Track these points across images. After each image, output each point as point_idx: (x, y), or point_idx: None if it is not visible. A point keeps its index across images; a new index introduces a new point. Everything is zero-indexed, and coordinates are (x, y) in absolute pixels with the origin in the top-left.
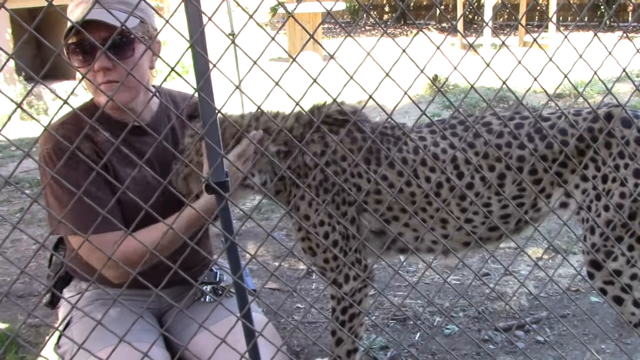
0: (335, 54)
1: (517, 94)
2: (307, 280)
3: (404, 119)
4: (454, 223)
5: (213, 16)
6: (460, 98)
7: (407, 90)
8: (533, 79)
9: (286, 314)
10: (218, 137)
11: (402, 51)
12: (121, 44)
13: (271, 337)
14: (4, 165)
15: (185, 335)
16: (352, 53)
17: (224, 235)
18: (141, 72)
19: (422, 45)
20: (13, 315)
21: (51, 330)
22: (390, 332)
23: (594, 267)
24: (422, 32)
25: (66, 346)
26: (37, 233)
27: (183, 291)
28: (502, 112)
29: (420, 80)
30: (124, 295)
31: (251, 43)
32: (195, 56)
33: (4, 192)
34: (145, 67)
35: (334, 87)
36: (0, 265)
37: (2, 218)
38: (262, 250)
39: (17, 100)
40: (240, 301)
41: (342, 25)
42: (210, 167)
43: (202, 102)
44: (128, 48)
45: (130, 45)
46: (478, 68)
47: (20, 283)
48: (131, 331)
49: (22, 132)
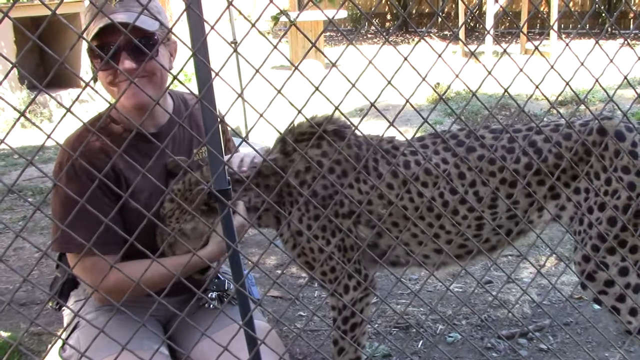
0: (337, 62)
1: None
2: (309, 288)
3: (405, 126)
4: (445, 237)
5: (215, 25)
6: (462, 105)
7: (409, 98)
8: (535, 86)
9: (288, 322)
10: (220, 145)
11: (404, 59)
12: (146, 46)
13: (274, 344)
14: (7, 173)
15: (189, 343)
16: (354, 61)
17: (226, 243)
18: (163, 72)
19: (424, 53)
20: (15, 324)
21: (54, 338)
22: (393, 340)
23: (587, 277)
24: (424, 40)
25: (71, 351)
26: (40, 241)
27: (189, 298)
28: (503, 120)
29: (422, 88)
30: (130, 302)
31: (253, 51)
32: (198, 64)
33: (7, 200)
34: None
35: (336, 95)
36: (2, 274)
37: (5, 226)
38: (264, 259)
39: (20, 108)
40: (242, 309)
41: (344, 33)
42: (212, 176)
43: (204, 110)
44: (152, 49)
45: (154, 47)
46: (479, 76)
47: (22, 291)
48: (135, 338)
49: (25, 140)
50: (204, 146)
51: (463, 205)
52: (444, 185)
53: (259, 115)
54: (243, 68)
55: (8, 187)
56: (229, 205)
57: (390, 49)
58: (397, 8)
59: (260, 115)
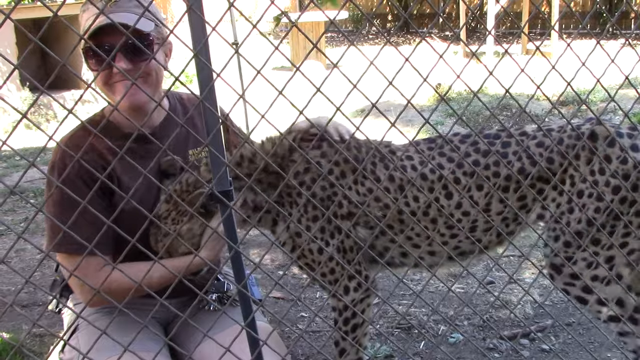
0: (338, 62)
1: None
2: (311, 289)
3: (407, 127)
4: (440, 239)
5: (217, 26)
6: (463, 106)
7: (410, 98)
8: (536, 86)
9: (290, 323)
10: (222, 146)
11: (405, 60)
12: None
13: (275, 345)
14: (9, 175)
15: (190, 344)
16: (355, 62)
17: (228, 244)
18: (160, 73)
19: (425, 54)
20: (17, 325)
21: (56, 339)
22: (395, 341)
23: (554, 269)
24: (425, 40)
25: (71, 354)
26: (41, 243)
27: (189, 301)
28: (505, 120)
29: (424, 89)
30: (130, 304)
31: (254, 52)
32: (199, 66)
33: (8, 202)
34: (161, 69)
35: (337, 96)
36: (4, 275)
37: (7, 227)
38: (266, 259)
39: (23, 109)
40: (244, 310)
41: (345, 34)
42: (214, 177)
43: (206, 111)
44: (148, 49)
45: (149, 47)
46: (480, 76)
47: (24, 293)
48: (137, 340)
49: (27, 141)
50: (204, 147)
51: (458, 210)
52: (439, 190)
53: (261, 117)
54: (244, 69)
55: (10, 188)
56: (231, 206)
57: (391, 49)
58: (398, 9)
59: (262, 116)
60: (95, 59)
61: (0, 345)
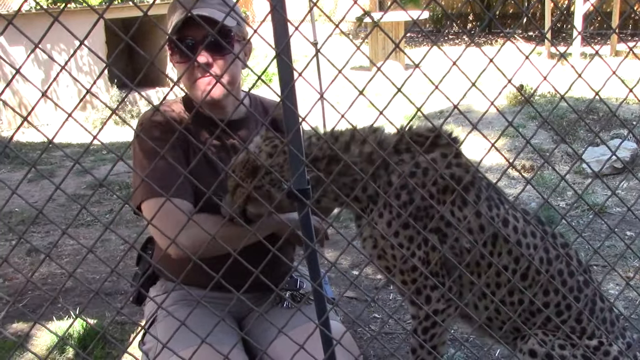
0: (420, 63)
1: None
2: (385, 290)
3: (487, 130)
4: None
5: (299, 26)
6: (546, 109)
7: (493, 100)
8: (628, 89)
9: (363, 324)
10: (301, 145)
11: (489, 60)
12: None
13: (348, 346)
14: (95, 168)
15: (263, 340)
16: (434, 62)
17: (304, 242)
18: (236, 70)
19: (507, 54)
20: (101, 312)
21: (136, 328)
22: (470, 347)
23: None
24: (511, 41)
25: (150, 343)
26: (125, 234)
27: (262, 296)
28: (591, 124)
29: (504, 90)
30: (207, 298)
31: (332, 52)
32: (280, 65)
33: (95, 194)
34: (240, 66)
35: (415, 96)
36: (90, 264)
37: (95, 218)
38: (340, 259)
39: (112, 106)
40: (318, 308)
41: (427, 34)
42: (293, 175)
43: (286, 111)
44: (228, 45)
45: (230, 43)
46: (565, 78)
47: (108, 282)
48: (213, 333)
49: (114, 136)
50: (284, 145)
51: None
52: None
53: (341, 116)
54: (322, 68)
55: (99, 181)
56: (308, 204)
57: (471, 49)
58: (482, 9)
59: (341, 115)
60: (178, 54)
61: (85, 331)
